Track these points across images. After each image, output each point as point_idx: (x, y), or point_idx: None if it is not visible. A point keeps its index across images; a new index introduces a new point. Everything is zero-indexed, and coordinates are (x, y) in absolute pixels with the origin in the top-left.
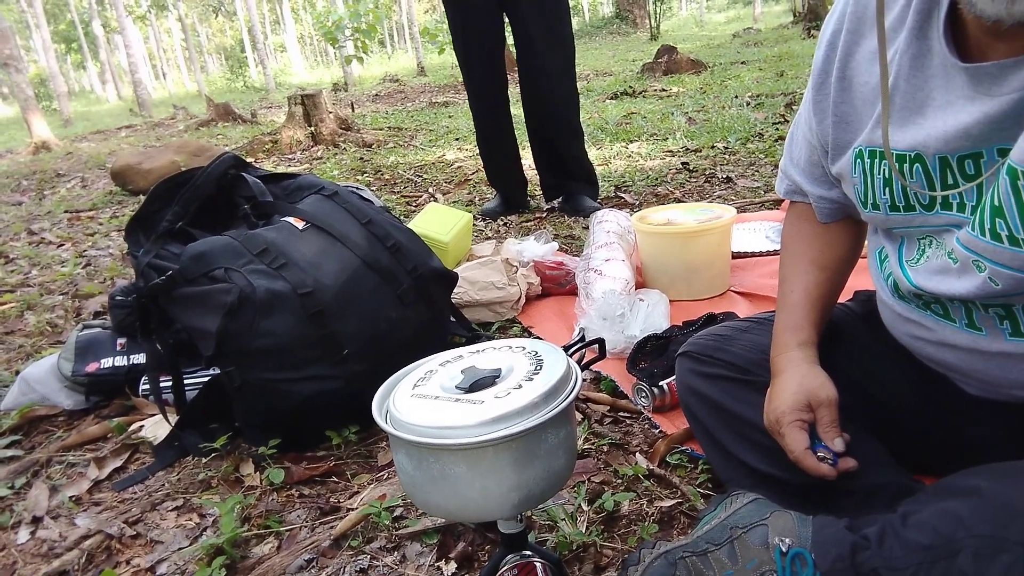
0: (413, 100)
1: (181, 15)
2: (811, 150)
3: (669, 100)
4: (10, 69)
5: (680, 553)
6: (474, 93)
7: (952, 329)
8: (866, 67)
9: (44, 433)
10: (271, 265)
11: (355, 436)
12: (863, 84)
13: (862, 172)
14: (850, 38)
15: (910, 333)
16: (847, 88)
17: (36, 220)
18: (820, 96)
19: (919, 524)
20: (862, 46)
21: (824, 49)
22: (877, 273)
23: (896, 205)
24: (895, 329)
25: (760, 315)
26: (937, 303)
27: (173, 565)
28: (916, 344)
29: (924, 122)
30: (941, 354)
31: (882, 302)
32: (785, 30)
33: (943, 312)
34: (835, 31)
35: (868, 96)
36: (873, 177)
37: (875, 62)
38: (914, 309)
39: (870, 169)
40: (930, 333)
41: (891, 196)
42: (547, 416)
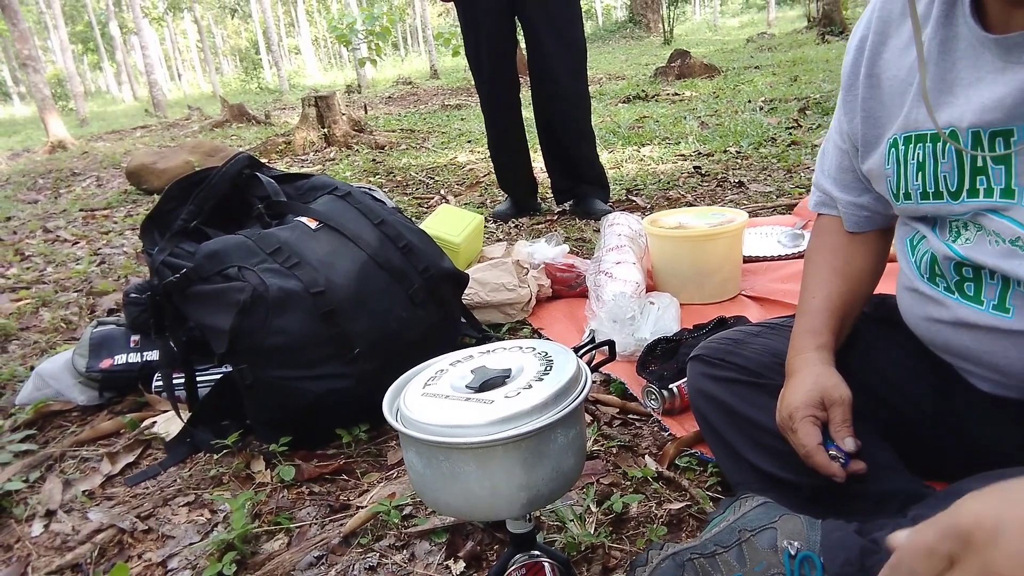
0: (426, 103)
1: (197, 17)
2: (841, 156)
3: (682, 104)
4: (28, 69)
5: (688, 555)
6: (485, 96)
7: (977, 311)
8: (894, 62)
9: (58, 428)
10: (284, 264)
11: (365, 435)
12: (891, 79)
13: (895, 162)
14: (877, 39)
15: (930, 316)
16: (875, 85)
17: (52, 218)
18: (850, 96)
19: None
20: (889, 45)
21: (853, 54)
22: (907, 258)
23: (927, 192)
24: (914, 314)
25: (772, 320)
26: (971, 282)
27: (184, 560)
28: (933, 329)
29: (955, 100)
30: (959, 338)
31: (905, 289)
32: (799, 35)
33: (973, 293)
34: (863, 36)
35: (897, 88)
36: (907, 164)
37: (903, 56)
38: (941, 291)
39: (904, 156)
40: (952, 314)
41: (923, 182)
42: (557, 416)
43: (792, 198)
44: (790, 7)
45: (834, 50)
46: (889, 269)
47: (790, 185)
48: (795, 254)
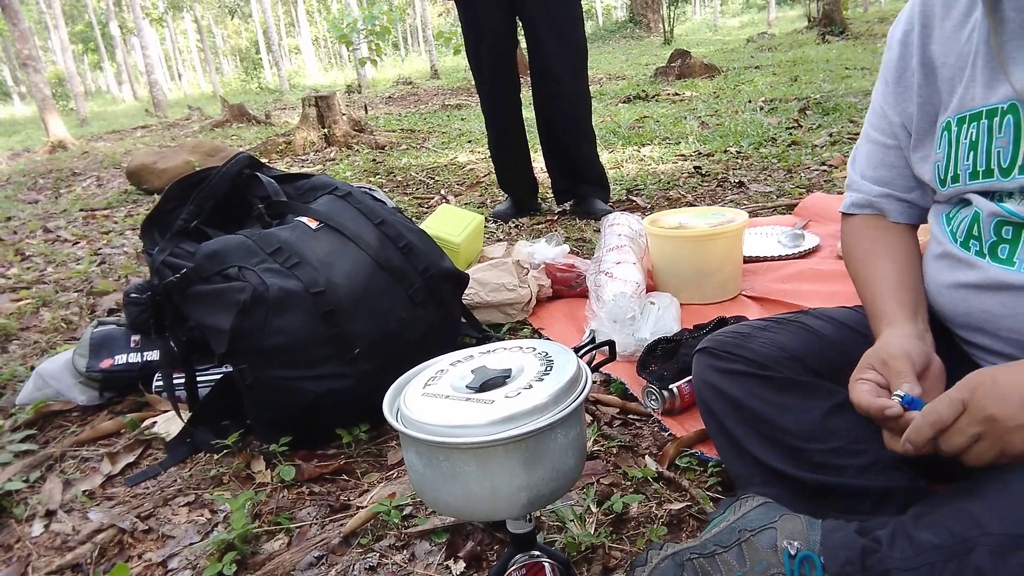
0: (426, 103)
1: (197, 17)
2: (884, 152)
3: (682, 104)
4: (28, 69)
5: (688, 555)
6: (486, 96)
7: (1008, 271)
8: (943, 49)
9: (58, 428)
10: (284, 264)
11: (365, 435)
12: (942, 65)
13: (947, 144)
14: (923, 31)
15: (957, 281)
16: (930, 73)
17: (52, 218)
18: (901, 88)
19: (931, 524)
20: (935, 35)
21: (897, 48)
22: (940, 226)
23: (977, 171)
24: (941, 282)
25: (779, 315)
26: (1006, 244)
27: (184, 560)
28: (958, 295)
29: (1012, 77)
30: (984, 302)
31: (933, 258)
32: (799, 35)
33: (1007, 256)
34: (905, 31)
35: (947, 74)
36: (959, 144)
37: (951, 42)
38: (973, 255)
39: (957, 137)
40: (982, 276)
41: (974, 161)
42: (557, 416)
43: (792, 198)
44: (790, 7)
45: (834, 50)
46: None
47: (790, 185)
48: (795, 254)
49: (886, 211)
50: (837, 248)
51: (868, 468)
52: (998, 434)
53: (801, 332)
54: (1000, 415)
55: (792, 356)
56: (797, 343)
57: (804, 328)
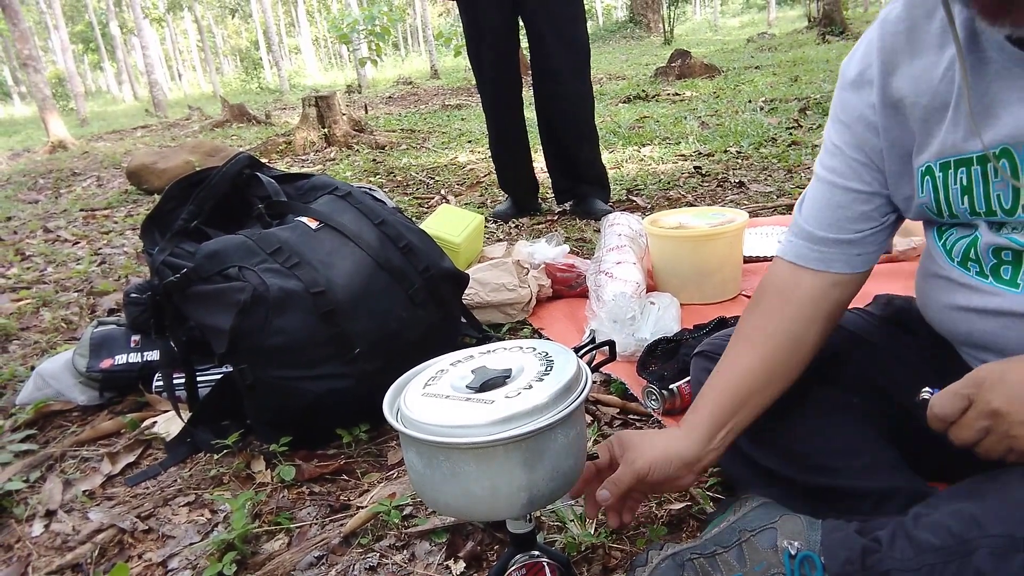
0: (426, 103)
1: (197, 17)
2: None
3: (682, 104)
4: (29, 69)
5: (688, 555)
6: (487, 96)
7: (1011, 294)
8: (912, 88)
9: (58, 428)
10: (284, 264)
11: (365, 435)
12: (912, 104)
13: (932, 188)
14: (884, 69)
15: (956, 304)
16: (897, 112)
17: (52, 218)
18: (861, 127)
19: (932, 525)
20: (899, 73)
21: (851, 90)
22: (935, 244)
23: (976, 211)
24: (937, 302)
25: None
26: (1008, 265)
27: (184, 560)
28: (957, 317)
29: (999, 121)
30: (985, 324)
31: (928, 277)
32: (799, 35)
33: (1009, 277)
34: (861, 71)
35: (920, 114)
36: (947, 189)
37: (922, 82)
38: (973, 276)
39: (943, 182)
40: (982, 300)
41: (971, 204)
42: (557, 416)
43: (792, 198)
44: (790, 7)
45: (834, 50)
46: (892, 269)
47: (790, 185)
48: None
49: (832, 261)
50: None
51: (867, 469)
52: (1004, 429)
53: None
54: (1005, 410)
55: None
56: None
57: None
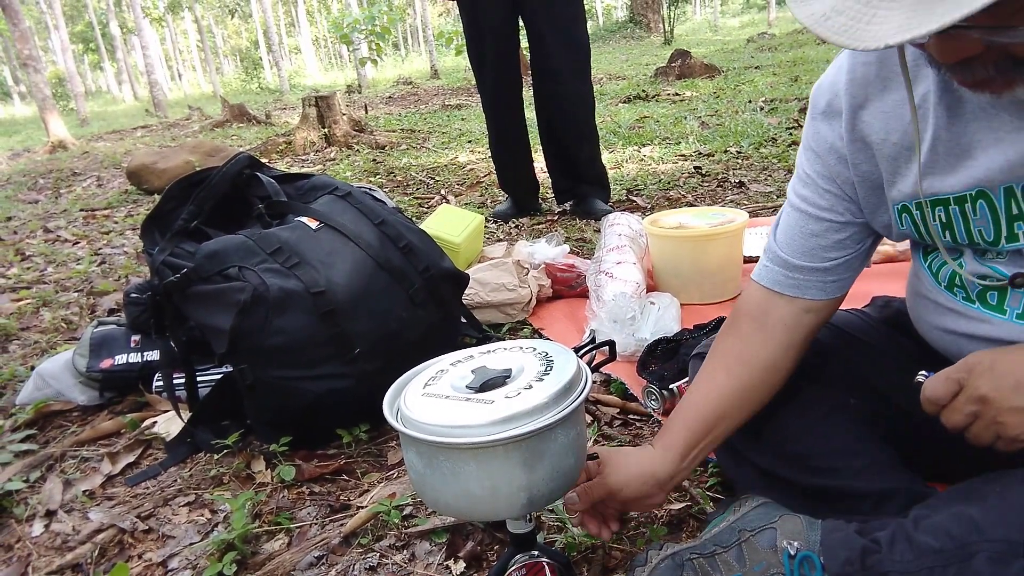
0: (426, 103)
1: (197, 17)
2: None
3: (682, 104)
4: (29, 69)
5: (687, 555)
6: (487, 96)
7: (999, 321)
8: (881, 125)
9: (58, 428)
10: (284, 264)
11: (365, 435)
12: (882, 141)
13: (911, 223)
14: (853, 102)
15: (945, 327)
16: (863, 149)
17: (52, 218)
18: (833, 159)
19: (932, 528)
20: (869, 108)
21: (820, 119)
22: (920, 265)
23: (959, 244)
24: (927, 323)
25: None
26: (994, 291)
27: (184, 560)
28: (947, 339)
29: (975, 162)
30: (973, 348)
31: (917, 295)
32: (800, 35)
33: (996, 303)
34: (830, 100)
35: (890, 152)
36: (927, 224)
37: (892, 118)
38: (960, 301)
39: (922, 220)
40: (970, 325)
41: (953, 237)
42: (557, 416)
43: None
44: None
45: (834, 50)
46: (892, 269)
47: None
48: None
49: (807, 287)
50: None
51: (865, 470)
52: (992, 415)
53: None
54: (992, 396)
55: None
56: None
57: None
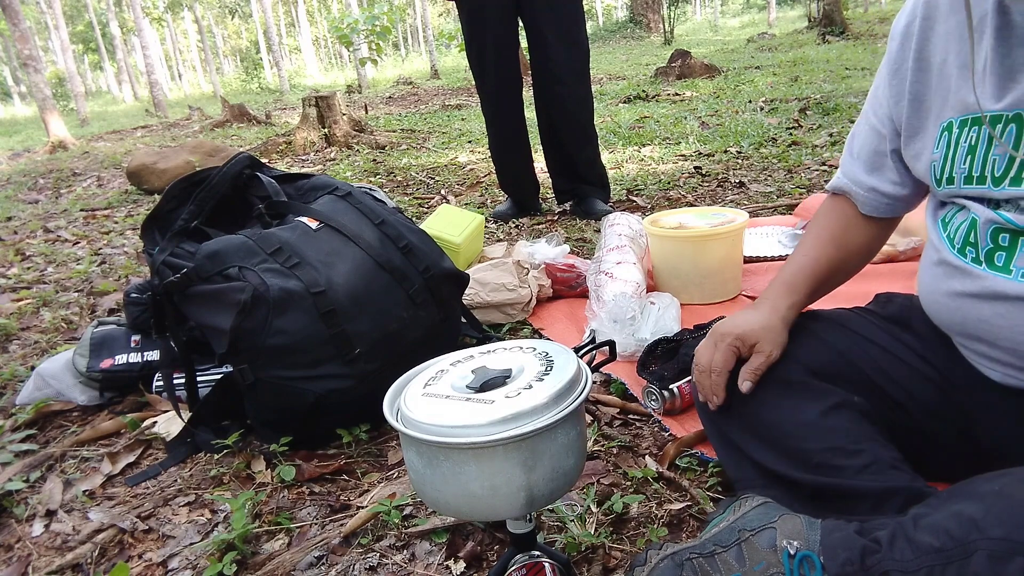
0: (426, 103)
1: (197, 17)
2: (878, 139)
3: (682, 104)
4: (29, 69)
5: (687, 555)
6: (487, 96)
7: (1005, 279)
8: (943, 46)
9: (58, 428)
10: (285, 264)
11: (366, 435)
12: (941, 62)
13: (945, 145)
14: (925, 24)
15: (954, 290)
16: (925, 69)
17: (52, 218)
18: (896, 80)
19: (931, 526)
20: (936, 30)
21: (899, 39)
22: (937, 232)
23: (971, 176)
24: (937, 290)
25: None
26: (1003, 251)
27: (184, 560)
28: (954, 304)
29: (1018, 86)
30: (981, 311)
31: (929, 265)
32: (800, 35)
33: (1003, 263)
34: (908, 23)
35: (947, 71)
36: (957, 147)
37: (952, 40)
38: (970, 262)
39: (956, 140)
40: (978, 285)
41: (970, 165)
42: (557, 416)
43: (793, 198)
44: (791, 7)
45: (835, 50)
46: (892, 269)
47: (791, 185)
48: None
49: (864, 201)
50: None
51: (866, 468)
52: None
53: (799, 334)
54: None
55: (790, 358)
56: (794, 345)
57: (801, 330)
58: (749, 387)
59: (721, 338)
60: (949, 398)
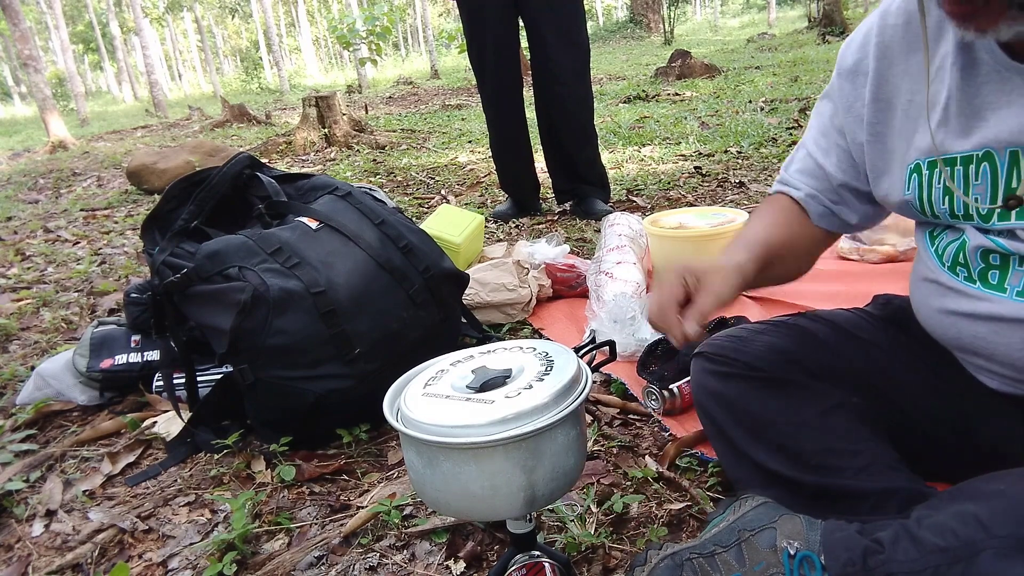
0: (426, 103)
1: (197, 17)
2: (819, 167)
3: (682, 104)
4: (29, 69)
5: (687, 555)
6: (488, 96)
7: (999, 299)
8: (907, 87)
9: (59, 428)
10: (285, 264)
11: (366, 435)
12: (907, 103)
13: (917, 186)
14: (880, 64)
15: (946, 308)
16: (884, 110)
17: (52, 218)
18: (851, 118)
19: (935, 526)
20: (895, 70)
21: (848, 78)
22: (926, 247)
23: (955, 214)
24: (929, 306)
25: (776, 318)
26: (996, 270)
27: (184, 560)
28: (947, 321)
29: (985, 124)
30: (975, 329)
31: (921, 280)
32: (800, 35)
33: (997, 281)
34: (857, 60)
35: (912, 112)
36: (931, 188)
37: (918, 79)
38: (962, 280)
39: (928, 181)
40: (971, 304)
41: (950, 205)
42: (557, 416)
43: None
44: (791, 7)
45: (834, 50)
46: (892, 269)
47: None
48: None
49: (808, 210)
50: (838, 248)
51: (866, 469)
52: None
53: (798, 335)
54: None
55: (789, 359)
56: (794, 346)
57: (801, 331)
58: (696, 330)
59: (670, 272)
60: (947, 400)
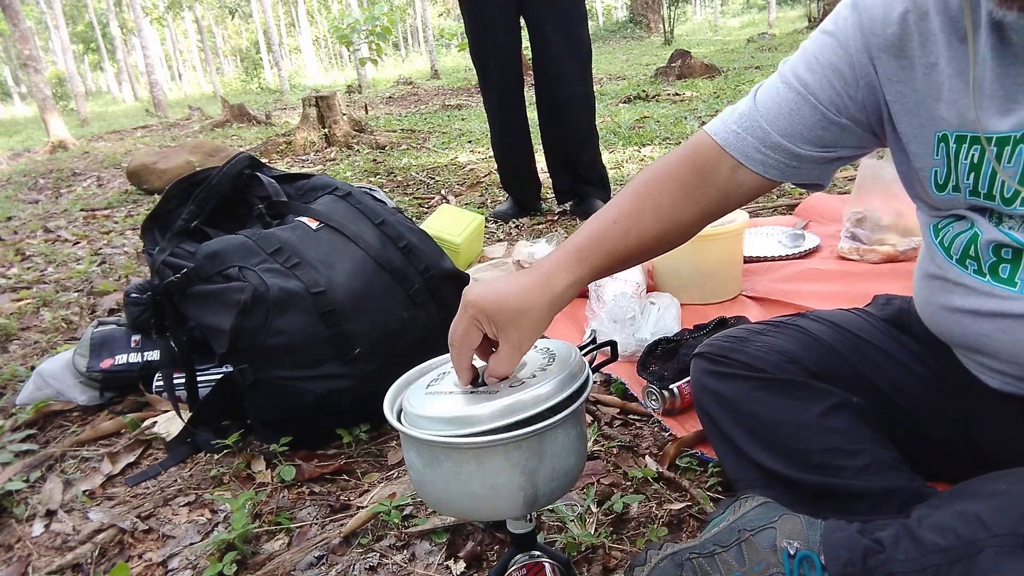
0: (427, 103)
1: (197, 17)
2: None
3: (682, 104)
4: (29, 69)
5: (687, 555)
6: (490, 96)
7: (1008, 294)
8: (930, 49)
9: (59, 428)
10: (285, 264)
11: (366, 435)
12: (929, 66)
13: (945, 156)
14: (915, 17)
15: (951, 305)
16: (908, 68)
17: (52, 218)
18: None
19: (936, 526)
20: (926, 27)
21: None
22: (930, 241)
23: (978, 191)
24: (933, 303)
25: (776, 319)
26: (1007, 263)
27: (184, 560)
28: (952, 319)
29: (1018, 106)
30: (980, 326)
31: (925, 277)
32: (800, 35)
33: (1008, 276)
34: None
35: (936, 79)
36: (959, 162)
37: (942, 46)
38: (971, 274)
39: (956, 154)
40: (978, 300)
41: (975, 182)
42: (558, 416)
43: (793, 198)
44: (791, 7)
45: None
46: (892, 269)
47: (790, 185)
48: (796, 254)
49: (765, 164)
50: (838, 248)
51: (866, 468)
52: None
53: (798, 335)
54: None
55: (789, 359)
56: (794, 346)
57: (801, 331)
58: (493, 380)
59: (465, 307)
60: (947, 400)
